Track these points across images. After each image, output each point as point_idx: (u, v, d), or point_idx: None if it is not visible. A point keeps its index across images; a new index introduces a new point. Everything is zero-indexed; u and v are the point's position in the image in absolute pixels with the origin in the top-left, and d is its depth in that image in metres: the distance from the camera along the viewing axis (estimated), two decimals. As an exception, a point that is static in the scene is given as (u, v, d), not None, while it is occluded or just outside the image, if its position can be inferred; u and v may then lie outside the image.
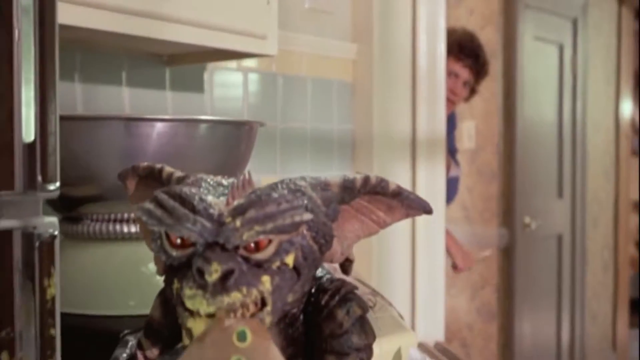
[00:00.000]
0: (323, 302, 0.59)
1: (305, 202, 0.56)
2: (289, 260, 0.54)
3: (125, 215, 1.07)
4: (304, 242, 0.55)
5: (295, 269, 0.55)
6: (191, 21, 1.37)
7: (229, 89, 1.75)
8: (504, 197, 3.32)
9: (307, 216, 0.54)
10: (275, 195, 0.53)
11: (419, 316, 2.12)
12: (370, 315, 0.68)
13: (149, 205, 0.54)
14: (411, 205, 0.61)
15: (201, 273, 0.51)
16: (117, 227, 1.06)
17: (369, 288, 1.29)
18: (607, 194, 4.36)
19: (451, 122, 2.70)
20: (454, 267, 2.64)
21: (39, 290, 0.64)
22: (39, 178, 0.63)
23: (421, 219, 2.32)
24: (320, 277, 0.61)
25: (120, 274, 1.06)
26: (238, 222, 0.51)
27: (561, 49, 3.75)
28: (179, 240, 0.53)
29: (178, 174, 0.64)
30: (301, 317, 0.60)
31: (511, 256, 3.35)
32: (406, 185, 2.28)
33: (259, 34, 1.51)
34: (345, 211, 0.62)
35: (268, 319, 0.54)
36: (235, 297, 0.52)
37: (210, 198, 0.54)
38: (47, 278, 0.65)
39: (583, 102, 3.93)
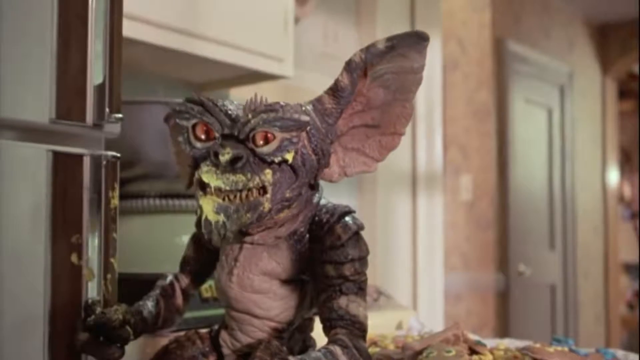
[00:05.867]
0: (324, 219, 0.69)
1: (308, 118, 0.65)
2: (289, 156, 0.63)
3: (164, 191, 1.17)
4: (303, 150, 0.64)
5: (294, 169, 0.64)
6: (220, 41, 1.57)
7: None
8: (500, 245, 3.43)
9: (305, 117, 0.63)
10: (282, 103, 0.64)
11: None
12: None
13: (180, 105, 0.66)
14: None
15: (216, 155, 0.63)
16: (157, 201, 1.18)
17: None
18: (597, 249, 4.44)
19: None
20: None
21: (105, 200, 0.76)
22: (107, 110, 0.76)
23: (422, 262, 2.49)
24: (324, 205, 0.71)
25: (158, 243, 1.16)
26: (250, 116, 0.63)
27: (550, 112, 3.94)
28: (202, 135, 0.65)
29: None
30: (307, 235, 0.70)
31: (507, 300, 3.45)
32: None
33: (277, 56, 1.71)
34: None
35: (267, 205, 0.63)
36: (239, 178, 0.62)
37: (229, 106, 0.65)
38: (112, 191, 0.77)
39: (572, 162, 4.08)
